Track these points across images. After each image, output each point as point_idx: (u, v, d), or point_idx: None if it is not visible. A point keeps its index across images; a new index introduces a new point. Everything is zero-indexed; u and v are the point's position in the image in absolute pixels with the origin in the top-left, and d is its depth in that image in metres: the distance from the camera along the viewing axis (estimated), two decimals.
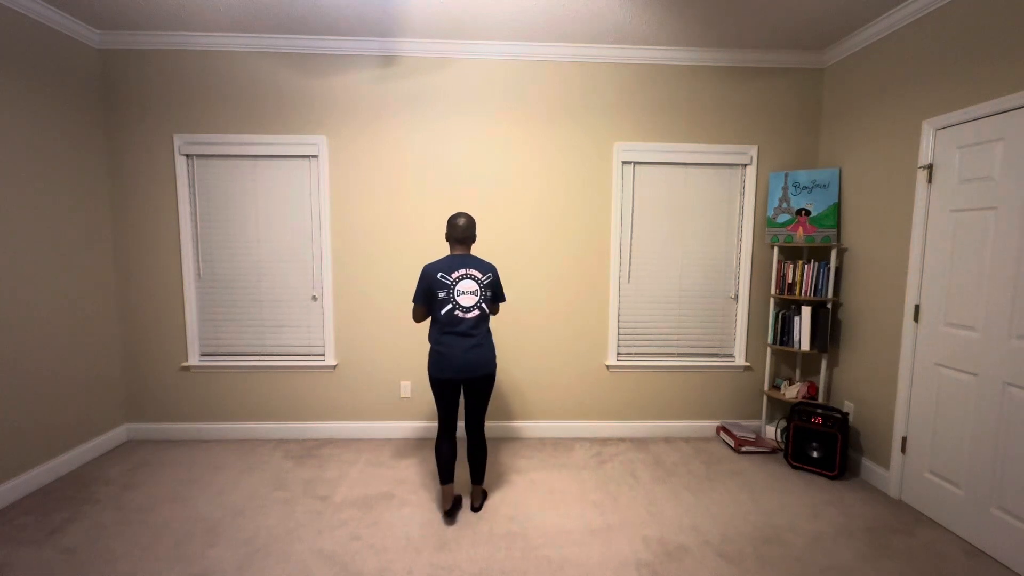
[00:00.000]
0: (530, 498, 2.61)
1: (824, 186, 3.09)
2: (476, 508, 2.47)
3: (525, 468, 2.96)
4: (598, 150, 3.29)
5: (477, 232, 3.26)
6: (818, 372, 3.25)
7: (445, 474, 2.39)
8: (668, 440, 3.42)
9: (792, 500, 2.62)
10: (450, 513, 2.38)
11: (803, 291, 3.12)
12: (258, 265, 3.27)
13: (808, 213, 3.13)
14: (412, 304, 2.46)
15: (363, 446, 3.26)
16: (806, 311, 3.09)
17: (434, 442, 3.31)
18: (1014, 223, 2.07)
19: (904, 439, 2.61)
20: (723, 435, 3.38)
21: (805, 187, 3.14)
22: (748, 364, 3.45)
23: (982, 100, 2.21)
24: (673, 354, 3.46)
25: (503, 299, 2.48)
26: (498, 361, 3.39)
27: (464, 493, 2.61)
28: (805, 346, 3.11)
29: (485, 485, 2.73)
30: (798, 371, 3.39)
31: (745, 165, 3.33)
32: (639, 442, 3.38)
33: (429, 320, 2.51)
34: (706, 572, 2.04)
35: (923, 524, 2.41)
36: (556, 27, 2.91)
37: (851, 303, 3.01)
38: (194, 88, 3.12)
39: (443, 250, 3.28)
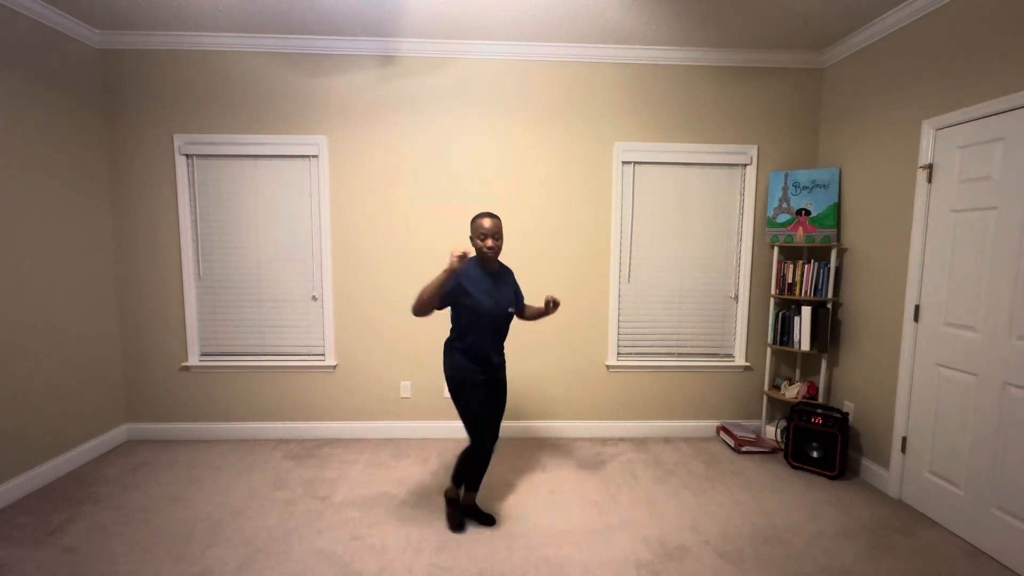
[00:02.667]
0: (530, 498, 2.61)
1: (824, 186, 3.09)
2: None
3: (525, 468, 2.96)
4: (598, 150, 3.29)
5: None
6: (818, 372, 3.25)
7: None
8: (668, 440, 3.42)
9: (792, 500, 2.62)
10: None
11: (803, 291, 3.12)
12: (258, 265, 3.27)
13: (808, 213, 3.13)
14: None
15: (363, 446, 3.26)
16: (806, 311, 3.09)
17: (437, 442, 3.33)
18: (1014, 223, 2.07)
19: (904, 439, 2.61)
20: (723, 435, 3.38)
21: (805, 187, 3.14)
22: (748, 364, 3.45)
23: (982, 100, 2.21)
24: (673, 354, 3.46)
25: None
26: None
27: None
28: (805, 346, 3.11)
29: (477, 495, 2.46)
30: (798, 371, 3.39)
31: (745, 165, 3.33)
32: (639, 442, 3.38)
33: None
34: (706, 572, 2.04)
35: (923, 524, 2.41)
36: (556, 27, 2.91)
37: (851, 303, 3.01)
38: (194, 88, 3.12)
39: (440, 248, 3.29)
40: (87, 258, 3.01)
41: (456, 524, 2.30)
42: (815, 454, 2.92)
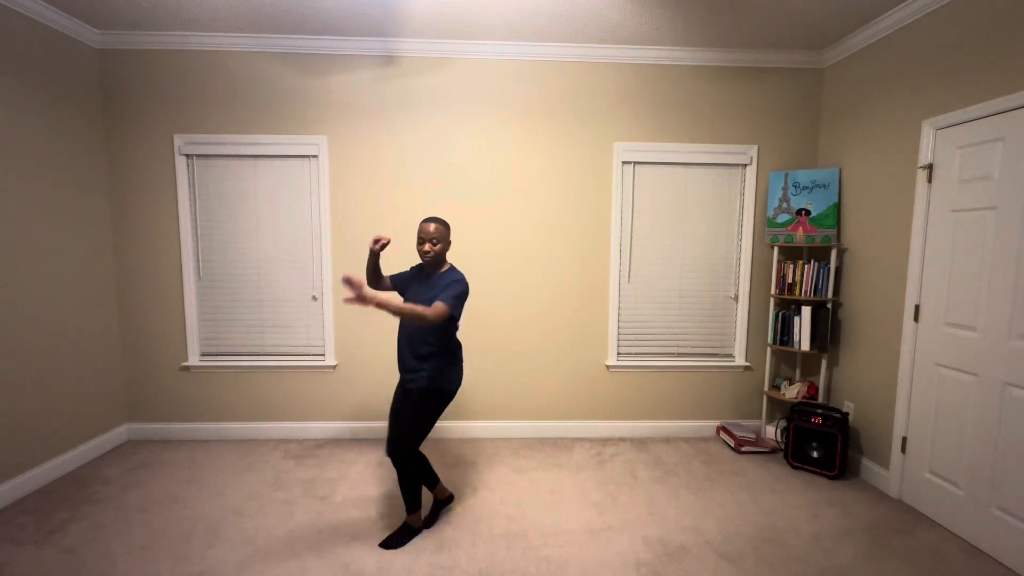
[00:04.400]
0: (530, 498, 2.61)
1: (824, 186, 3.09)
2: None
3: (525, 468, 2.96)
4: (598, 150, 3.28)
5: (474, 233, 3.28)
6: (818, 372, 3.25)
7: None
8: (668, 440, 3.41)
9: (792, 500, 2.62)
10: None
11: (803, 291, 3.12)
12: (258, 265, 3.27)
13: (808, 213, 3.13)
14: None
15: (363, 446, 3.26)
16: (806, 311, 3.09)
17: (436, 443, 3.32)
18: (1014, 223, 2.07)
19: (904, 439, 2.61)
20: (723, 435, 3.38)
21: (805, 187, 3.14)
22: (748, 364, 3.45)
23: (982, 100, 2.21)
24: (673, 354, 3.46)
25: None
26: (498, 360, 3.40)
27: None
28: (805, 346, 3.11)
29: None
30: (798, 371, 3.39)
31: (745, 165, 3.33)
32: (639, 442, 3.38)
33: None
34: (706, 572, 2.04)
35: (923, 524, 2.41)
36: (556, 27, 2.91)
37: (851, 303, 3.01)
38: (194, 88, 3.12)
39: None
40: (87, 258, 3.01)
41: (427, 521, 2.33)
42: (815, 454, 2.92)
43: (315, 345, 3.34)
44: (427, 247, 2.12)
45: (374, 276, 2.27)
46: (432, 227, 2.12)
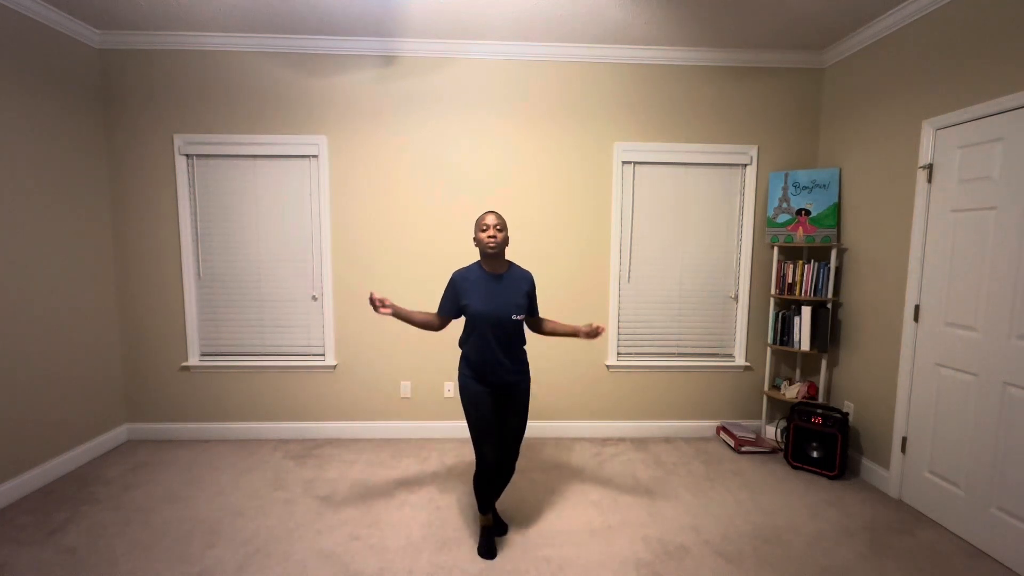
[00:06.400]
0: (530, 498, 2.61)
1: (824, 186, 3.09)
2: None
3: (525, 468, 2.96)
4: (598, 150, 3.28)
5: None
6: (818, 372, 3.25)
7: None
8: (668, 440, 3.42)
9: (792, 500, 2.62)
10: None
11: (803, 291, 3.12)
12: (258, 265, 3.27)
13: (808, 213, 3.13)
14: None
15: (363, 446, 3.26)
16: (806, 311, 3.09)
17: (437, 442, 3.33)
18: (1014, 223, 2.07)
19: (904, 439, 2.61)
20: (723, 435, 3.38)
21: (805, 187, 3.14)
22: (748, 364, 3.45)
23: (982, 100, 2.21)
24: (673, 354, 3.46)
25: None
26: None
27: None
28: (805, 346, 3.11)
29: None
30: (798, 371, 3.39)
31: (745, 165, 3.33)
32: (639, 442, 3.38)
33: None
34: (706, 572, 2.04)
35: (923, 524, 2.41)
36: (556, 27, 2.91)
37: (851, 303, 3.01)
38: (194, 88, 3.12)
39: (441, 248, 3.29)
40: (87, 258, 3.01)
41: (485, 551, 2.14)
42: (815, 454, 2.92)
43: (315, 345, 3.34)
44: (492, 232, 2.11)
45: (416, 323, 2.17)
46: (493, 217, 2.13)
